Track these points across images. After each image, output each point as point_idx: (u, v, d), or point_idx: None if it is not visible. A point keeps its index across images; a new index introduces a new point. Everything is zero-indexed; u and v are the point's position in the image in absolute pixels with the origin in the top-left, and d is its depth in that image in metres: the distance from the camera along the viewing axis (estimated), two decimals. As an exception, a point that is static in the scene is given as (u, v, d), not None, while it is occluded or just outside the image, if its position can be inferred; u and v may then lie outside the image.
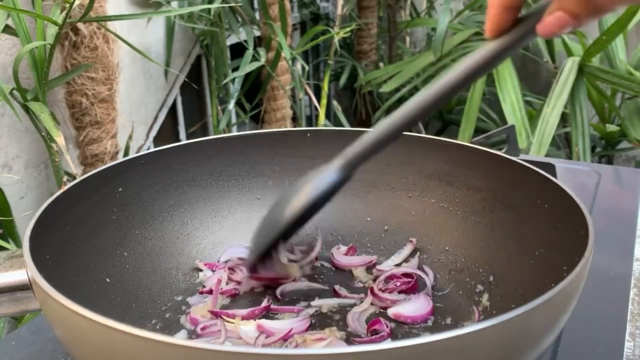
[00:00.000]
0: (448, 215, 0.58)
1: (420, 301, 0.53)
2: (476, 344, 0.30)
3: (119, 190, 0.55)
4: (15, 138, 1.23)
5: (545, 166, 0.52)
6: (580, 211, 0.43)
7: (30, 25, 1.06)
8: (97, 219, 0.52)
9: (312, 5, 2.42)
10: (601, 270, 0.59)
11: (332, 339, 0.48)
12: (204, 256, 0.60)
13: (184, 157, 0.60)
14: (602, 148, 1.98)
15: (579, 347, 0.49)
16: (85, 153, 1.29)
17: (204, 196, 0.61)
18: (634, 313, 0.54)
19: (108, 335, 0.31)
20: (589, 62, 1.71)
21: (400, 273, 0.56)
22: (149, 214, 0.57)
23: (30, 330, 0.53)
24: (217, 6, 1.46)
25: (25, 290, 0.41)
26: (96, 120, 1.26)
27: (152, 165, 0.58)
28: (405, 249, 0.60)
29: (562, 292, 0.34)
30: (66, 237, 0.48)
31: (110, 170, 0.54)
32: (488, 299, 0.51)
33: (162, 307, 0.54)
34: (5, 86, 1.00)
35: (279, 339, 0.49)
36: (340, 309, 0.54)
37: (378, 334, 0.50)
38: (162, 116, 1.73)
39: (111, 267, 0.52)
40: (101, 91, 1.24)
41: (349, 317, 0.52)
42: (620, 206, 0.75)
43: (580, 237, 0.40)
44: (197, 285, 0.58)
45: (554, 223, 0.47)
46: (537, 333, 0.34)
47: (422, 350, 0.29)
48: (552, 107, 1.62)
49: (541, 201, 0.49)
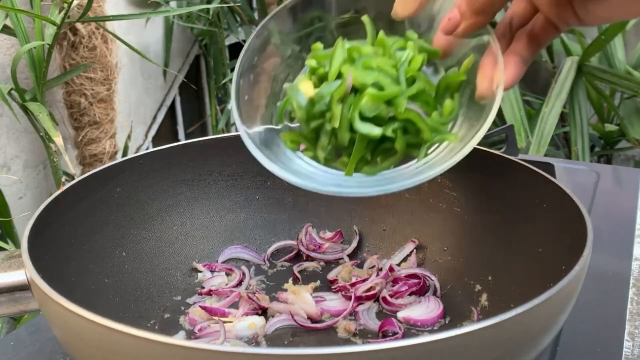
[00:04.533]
0: (446, 215, 0.58)
1: (430, 304, 0.53)
2: (475, 344, 0.30)
3: (118, 191, 0.55)
4: (13, 138, 1.22)
5: (544, 166, 0.52)
6: (579, 211, 0.43)
7: (28, 26, 1.06)
8: (95, 219, 0.52)
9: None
10: (600, 270, 0.59)
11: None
12: (203, 257, 0.60)
13: (182, 157, 0.60)
14: (601, 148, 1.98)
15: (578, 346, 0.49)
16: (84, 153, 1.29)
17: (202, 196, 0.61)
18: (632, 313, 0.54)
19: (107, 336, 0.31)
20: (588, 62, 1.71)
21: (404, 275, 0.56)
22: (147, 214, 0.57)
23: (29, 331, 0.53)
24: (216, 6, 1.46)
25: (23, 291, 0.41)
26: (95, 121, 1.26)
27: (150, 166, 0.58)
28: (405, 249, 0.60)
29: (561, 292, 0.34)
30: (65, 238, 0.48)
31: (108, 171, 0.54)
32: (487, 299, 0.51)
33: (160, 307, 0.54)
34: (4, 86, 1.00)
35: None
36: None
37: (389, 334, 0.50)
38: (160, 116, 1.73)
39: (110, 267, 0.52)
40: (100, 91, 1.24)
41: (359, 312, 0.53)
42: (619, 206, 0.75)
43: (578, 237, 0.40)
44: (195, 285, 0.58)
45: (552, 223, 0.47)
46: (535, 333, 0.34)
47: (422, 350, 0.29)
48: (551, 107, 1.63)
49: (540, 201, 0.49)
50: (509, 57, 0.44)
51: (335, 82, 0.44)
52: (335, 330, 0.51)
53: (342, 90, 0.44)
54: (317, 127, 0.46)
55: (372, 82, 0.43)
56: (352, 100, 0.44)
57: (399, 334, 0.50)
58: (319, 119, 0.45)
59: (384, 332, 0.50)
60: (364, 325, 0.52)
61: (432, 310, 0.52)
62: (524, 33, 0.44)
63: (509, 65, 0.43)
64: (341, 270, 0.59)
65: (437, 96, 0.46)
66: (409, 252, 0.60)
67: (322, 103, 0.44)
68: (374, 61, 0.44)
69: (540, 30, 0.44)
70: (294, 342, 0.49)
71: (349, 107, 0.44)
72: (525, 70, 0.45)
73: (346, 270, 0.58)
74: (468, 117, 0.46)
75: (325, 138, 0.46)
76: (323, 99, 0.44)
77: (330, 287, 0.57)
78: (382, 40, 0.46)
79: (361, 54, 0.45)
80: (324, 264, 0.61)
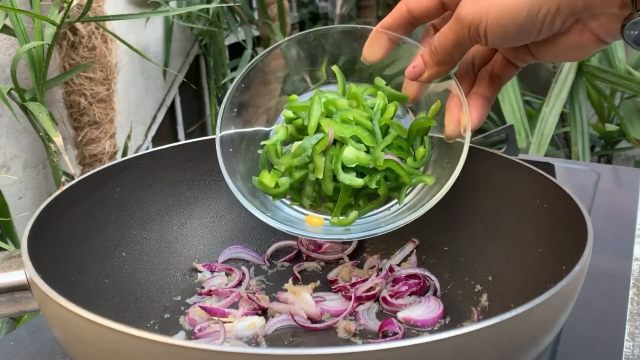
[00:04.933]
0: (447, 215, 0.58)
1: (430, 304, 0.53)
2: (475, 344, 0.30)
3: (118, 191, 0.55)
4: (13, 138, 1.22)
5: (545, 166, 0.52)
6: (579, 211, 0.43)
7: (28, 25, 1.06)
8: (95, 220, 0.52)
9: (311, 5, 2.42)
10: (600, 270, 0.59)
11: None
12: (203, 257, 0.60)
13: (182, 157, 0.60)
14: (601, 147, 1.98)
15: (578, 347, 0.49)
16: (84, 153, 1.29)
17: (202, 196, 0.61)
18: (633, 313, 0.54)
19: (106, 336, 0.31)
20: (588, 62, 1.71)
21: (404, 275, 0.56)
22: (147, 214, 0.57)
23: (28, 331, 0.53)
24: (216, 6, 1.46)
25: (23, 291, 0.41)
26: (94, 121, 1.26)
27: (150, 166, 0.58)
28: (405, 249, 0.60)
29: (561, 292, 0.34)
30: (64, 238, 0.48)
31: (108, 171, 0.54)
32: (487, 299, 0.51)
33: (160, 307, 0.54)
34: (4, 86, 1.00)
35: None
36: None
37: (389, 334, 0.50)
38: (160, 116, 1.73)
39: (110, 267, 0.52)
40: (99, 91, 1.24)
41: (359, 312, 0.53)
42: (619, 206, 0.75)
43: (579, 237, 0.40)
44: (195, 285, 0.58)
45: (552, 223, 0.47)
46: (536, 333, 0.34)
47: (422, 350, 0.29)
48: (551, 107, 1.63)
49: (540, 201, 0.49)
50: (473, 98, 0.48)
51: (316, 136, 0.48)
52: (335, 330, 0.51)
53: (324, 144, 0.48)
54: (301, 177, 0.50)
55: (351, 135, 0.48)
56: (333, 152, 0.48)
57: (399, 334, 0.50)
58: (301, 170, 0.50)
59: (384, 332, 0.50)
60: (364, 326, 0.52)
61: (432, 310, 0.52)
62: (486, 73, 0.49)
63: (475, 107, 0.47)
64: (341, 271, 0.59)
65: (409, 140, 0.51)
66: (409, 252, 0.60)
67: (304, 156, 0.48)
68: (350, 114, 0.49)
69: (500, 68, 0.48)
70: (294, 342, 0.49)
71: (332, 159, 0.48)
72: (489, 108, 0.49)
73: (346, 271, 0.58)
74: (439, 157, 0.51)
75: (309, 187, 0.51)
76: (305, 152, 0.48)
77: (330, 287, 0.57)
78: (355, 94, 0.51)
79: (338, 108, 0.50)
80: (324, 264, 0.61)
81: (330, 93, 0.52)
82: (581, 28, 0.40)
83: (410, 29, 0.49)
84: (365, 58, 0.50)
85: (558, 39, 0.42)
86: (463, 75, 0.50)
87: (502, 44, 0.43)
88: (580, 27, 0.40)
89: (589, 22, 0.40)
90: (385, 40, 0.49)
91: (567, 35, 0.41)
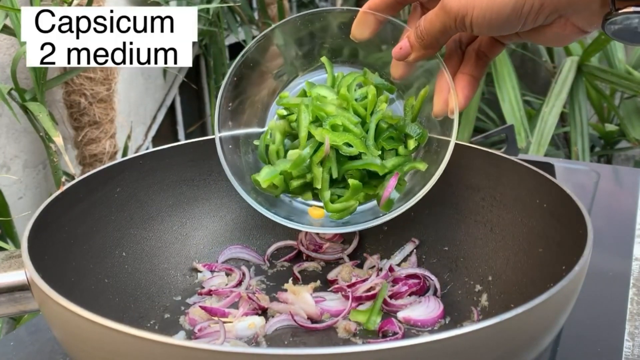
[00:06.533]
0: (447, 215, 0.58)
1: (430, 304, 0.53)
2: (475, 344, 0.30)
3: (118, 191, 0.55)
4: (13, 138, 1.22)
5: (544, 166, 0.52)
6: (579, 211, 0.43)
7: (28, 25, 1.05)
8: (95, 219, 0.52)
9: (311, 5, 2.42)
10: (600, 270, 0.59)
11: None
12: (203, 257, 0.60)
13: (182, 157, 0.60)
14: (601, 147, 1.98)
15: (578, 346, 0.49)
16: (84, 153, 1.29)
17: (202, 196, 0.61)
18: (632, 313, 0.54)
19: (107, 336, 0.31)
20: (588, 62, 1.72)
21: (404, 275, 0.56)
22: (147, 214, 0.57)
23: (28, 331, 0.53)
24: (216, 6, 1.46)
25: (23, 291, 0.41)
26: (95, 121, 1.26)
27: (150, 166, 0.58)
28: (405, 249, 0.60)
29: (561, 292, 0.34)
30: (65, 238, 0.48)
31: (108, 171, 0.54)
32: (487, 299, 0.51)
33: (160, 307, 0.54)
34: (4, 86, 1.00)
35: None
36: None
37: (389, 334, 0.50)
38: (160, 116, 1.73)
39: (110, 267, 0.52)
40: (100, 91, 1.24)
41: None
42: (619, 206, 0.75)
43: (579, 237, 0.40)
44: (195, 285, 0.58)
45: (552, 223, 0.47)
46: (536, 333, 0.34)
47: (422, 350, 0.29)
48: (551, 107, 1.63)
49: (540, 201, 0.49)
50: (461, 78, 0.49)
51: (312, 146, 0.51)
52: (335, 330, 0.51)
53: (321, 155, 0.51)
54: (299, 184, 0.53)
55: (344, 142, 0.51)
56: (329, 162, 0.51)
57: (399, 334, 0.50)
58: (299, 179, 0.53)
59: (384, 332, 0.50)
60: (364, 325, 0.52)
61: (432, 310, 0.52)
62: (473, 51, 0.50)
63: (461, 87, 0.49)
64: (341, 270, 0.59)
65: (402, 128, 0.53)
66: (409, 252, 0.60)
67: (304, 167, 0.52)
68: (340, 119, 0.51)
69: (486, 46, 0.50)
70: (294, 342, 0.49)
71: (328, 170, 0.51)
72: (478, 87, 0.51)
73: (346, 271, 0.58)
74: (429, 142, 0.53)
75: (309, 191, 0.54)
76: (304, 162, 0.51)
77: (330, 287, 0.57)
78: (344, 95, 0.53)
79: (327, 114, 0.52)
80: (324, 264, 0.61)
81: (319, 88, 0.54)
82: (564, 22, 0.42)
83: (397, 8, 0.51)
84: (354, 36, 0.52)
85: (541, 30, 0.43)
86: (451, 53, 0.51)
87: (488, 33, 0.45)
88: (563, 21, 0.42)
89: (571, 16, 0.41)
90: (372, 21, 0.51)
91: (550, 27, 0.43)
